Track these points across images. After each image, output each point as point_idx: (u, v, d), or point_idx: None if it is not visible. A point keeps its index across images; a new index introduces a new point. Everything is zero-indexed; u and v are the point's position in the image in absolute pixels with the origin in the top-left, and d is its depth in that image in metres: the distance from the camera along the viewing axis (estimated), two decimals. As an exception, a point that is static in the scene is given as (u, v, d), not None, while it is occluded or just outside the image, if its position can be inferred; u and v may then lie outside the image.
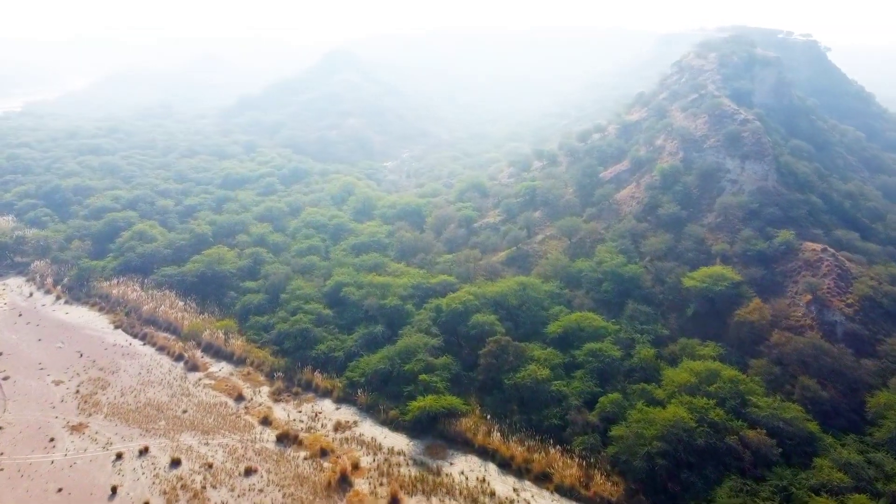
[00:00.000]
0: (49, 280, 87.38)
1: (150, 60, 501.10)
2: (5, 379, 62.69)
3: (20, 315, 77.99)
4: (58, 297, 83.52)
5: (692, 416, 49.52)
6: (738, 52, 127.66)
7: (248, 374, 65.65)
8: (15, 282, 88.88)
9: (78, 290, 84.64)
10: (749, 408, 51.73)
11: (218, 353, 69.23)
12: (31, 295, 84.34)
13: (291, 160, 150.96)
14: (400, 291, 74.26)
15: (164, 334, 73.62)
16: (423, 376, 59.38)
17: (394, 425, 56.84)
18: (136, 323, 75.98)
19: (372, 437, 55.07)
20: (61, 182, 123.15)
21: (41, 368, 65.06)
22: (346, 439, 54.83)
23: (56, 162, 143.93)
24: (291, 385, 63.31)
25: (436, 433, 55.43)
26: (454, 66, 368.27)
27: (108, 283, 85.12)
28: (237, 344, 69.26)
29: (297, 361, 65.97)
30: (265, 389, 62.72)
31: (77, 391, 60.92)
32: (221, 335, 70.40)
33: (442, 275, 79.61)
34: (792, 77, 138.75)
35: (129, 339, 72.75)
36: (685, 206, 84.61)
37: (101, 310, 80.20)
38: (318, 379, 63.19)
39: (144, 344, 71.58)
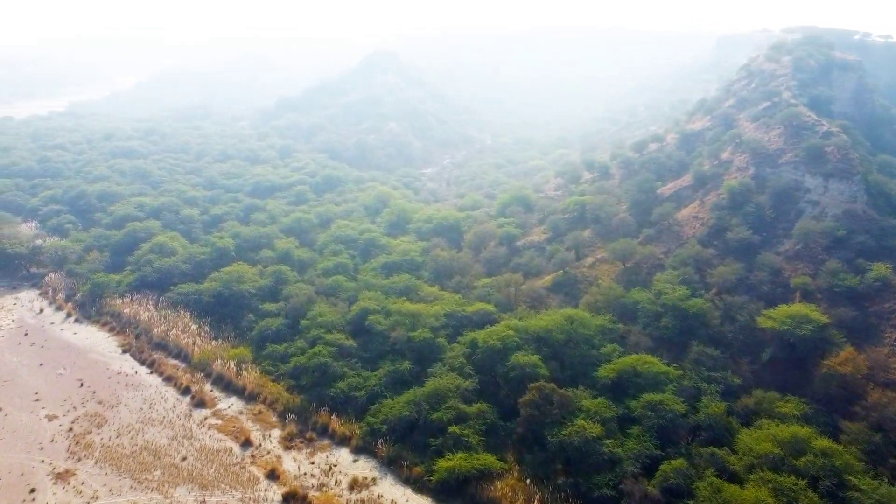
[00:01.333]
0: (60, 295, 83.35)
1: (197, 59, 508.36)
2: (-4, 411, 57.95)
3: (26, 334, 73.77)
4: (68, 315, 79.20)
5: (778, 501, 41.05)
6: (814, 55, 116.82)
7: (259, 413, 59.48)
8: (27, 295, 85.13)
9: (89, 308, 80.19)
10: (848, 491, 42.93)
11: (228, 387, 63.34)
12: (41, 311, 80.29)
13: (326, 167, 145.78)
14: (431, 322, 67.20)
15: (174, 361, 68.21)
16: (453, 428, 52.22)
17: (418, 485, 49.81)
18: (146, 347, 70.82)
19: (392, 502, 48.10)
20: (87, 187, 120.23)
21: (36, 400, 60.17)
22: (363, 501, 48.02)
23: (87, 165, 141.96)
24: (305, 429, 56.87)
25: (466, 498, 48.17)
26: (500, 66, 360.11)
27: (122, 300, 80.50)
28: (249, 378, 63.23)
29: (314, 400, 59.58)
30: (276, 433, 56.41)
31: (70, 429, 55.66)
32: (233, 367, 64.54)
33: (479, 303, 72.28)
34: (872, 83, 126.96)
35: (136, 365, 67.53)
36: (758, 231, 75.33)
37: (111, 330, 75.44)
38: (336, 423, 56.59)
39: (151, 372, 66.24)
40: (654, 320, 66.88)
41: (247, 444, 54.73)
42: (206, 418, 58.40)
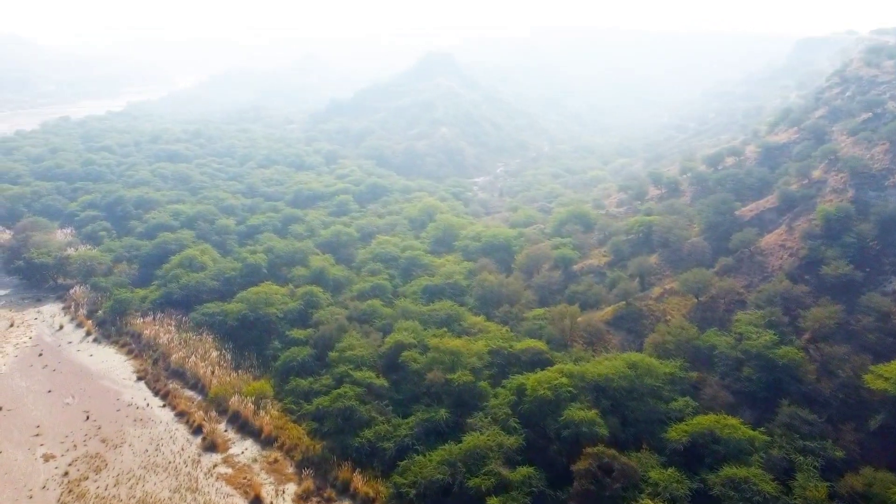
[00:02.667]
0: (82, 311, 79.47)
1: (257, 60, 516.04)
2: (-9, 447, 53.41)
3: (40, 354, 69.78)
4: (87, 333, 75.11)
5: None
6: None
7: (275, 462, 53.18)
8: (50, 309, 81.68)
9: (109, 326, 75.94)
10: None
11: (244, 428, 57.34)
12: (60, 328, 76.48)
13: (372, 174, 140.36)
14: (473, 362, 59.68)
15: (189, 393, 62.82)
16: (493, 500, 44.62)
17: (448, 568, 42.52)
18: (162, 375, 65.75)
19: (416, 590, 40.93)
20: (125, 193, 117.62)
21: (37, 434, 55.44)
22: (382, 586, 40.98)
23: (130, 168, 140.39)
24: (324, 485, 50.22)
25: (505, 590, 40.62)
26: (560, 69, 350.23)
27: (143, 319, 75.94)
28: (266, 420, 57.06)
29: (337, 449, 52.98)
30: (290, 489, 49.94)
31: (66, 473, 50.49)
32: (251, 405, 58.54)
33: (529, 339, 64.39)
34: None
35: (149, 396, 62.39)
36: (860, 266, 64.97)
37: (129, 353, 70.80)
38: (359, 481, 49.75)
39: (164, 405, 60.90)
40: (733, 369, 57.76)
41: (257, 501, 48.44)
42: (215, 465, 52.43)
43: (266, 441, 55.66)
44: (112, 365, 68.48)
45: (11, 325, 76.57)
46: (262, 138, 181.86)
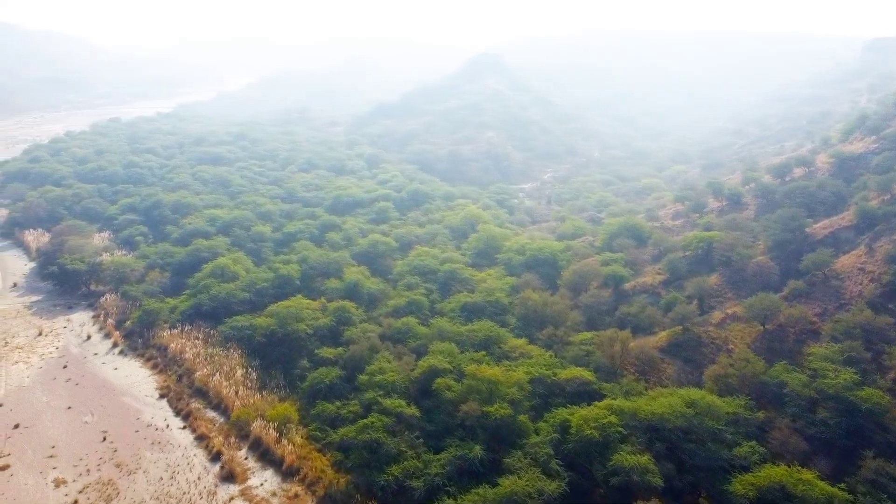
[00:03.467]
0: (111, 321, 77.61)
1: (306, 60, 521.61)
2: (3, 469, 51.17)
3: (65, 367, 67.97)
4: (114, 345, 73.15)
5: None
6: None
7: (296, 497, 49.48)
8: (80, 318, 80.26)
9: (137, 338, 73.90)
10: None
11: (265, 456, 53.92)
12: (88, 338, 74.77)
13: (414, 180, 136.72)
14: (512, 392, 54.93)
15: (212, 414, 59.84)
16: (530, 558, 39.93)
17: None
18: (185, 392, 63.02)
19: None
20: (164, 196, 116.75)
21: (51, 456, 53.11)
22: None
23: (171, 171, 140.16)
24: (346, 527, 46.35)
25: None
26: (612, 71, 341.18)
27: (171, 331, 73.54)
28: (289, 449, 53.44)
29: (362, 486, 49.04)
30: (310, 530, 46.19)
31: (76, 502, 47.82)
32: (274, 431, 55.06)
33: (575, 367, 59.33)
34: None
35: (170, 416, 59.64)
36: (955, 295, 57.97)
37: (153, 367, 68.44)
38: (383, 525, 45.70)
39: (184, 427, 58.02)
40: (806, 411, 51.68)
41: (272, 543, 44.83)
42: (231, 499, 49.05)
43: (287, 472, 52.07)
44: (136, 380, 66.15)
45: (40, 334, 75.26)
46: (305, 141, 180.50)
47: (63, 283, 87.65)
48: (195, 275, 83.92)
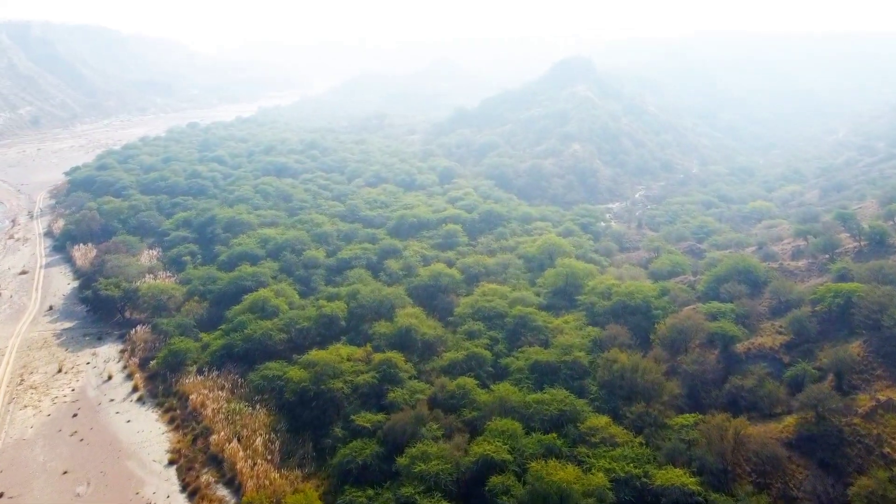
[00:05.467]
0: (134, 361, 70.28)
1: (389, 63, 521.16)
2: (-33, 558, 43.62)
3: (75, 415, 60.85)
4: (134, 389, 65.66)
5: None
6: None
7: None
8: (107, 352, 73.67)
9: (159, 382, 66.14)
10: None
11: (274, 561, 44.08)
12: (108, 379, 67.72)
13: (489, 198, 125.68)
14: (590, 504, 42.67)
15: (222, 492, 50.66)
16: None
17: None
18: (198, 460, 54.25)
19: None
20: (219, 212, 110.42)
21: (25, 543, 45.22)
22: None
23: (234, 183, 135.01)
24: None
25: None
26: (713, 75, 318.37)
27: (196, 377, 65.30)
28: (301, 557, 43.38)
29: None
30: None
31: None
32: (286, 529, 45.17)
33: (672, 469, 46.34)
34: None
35: (174, 492, 50.87)
36: None
37: (170, 421, 60.23)
38: None
39: (188, 509, 49.11)
40: None
41: None
42: None
43: (297, 588, 41.97)
44: (148, 437, 58.01)
45: (59, 371, 68.92)
46: (377, 151, 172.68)
47: (97, 310, 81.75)
48: (234, 307, 75.80)
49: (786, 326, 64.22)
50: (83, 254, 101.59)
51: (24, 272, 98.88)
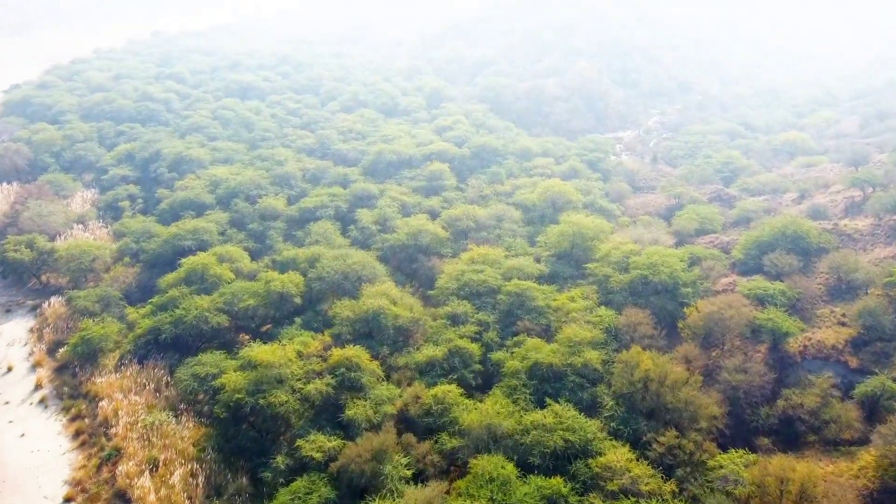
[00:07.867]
0: (42, 347, 58.06)
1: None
2: None
3: (-45, 427, 49.13)
4: (36, 387, 53.68)
5: None
6: None
7: None
8: (14, 330, 61.36)
9: (69, 376, 54.24)
10: None
11: None
12: (8, 371, 55.66)
13: (482, 127, 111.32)
14: None
15: (126, 549, 39.60)
16: None
17: None
18: (102, 497, 42.91)
19: None
20: (166, 145, 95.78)
21: None
22: None
23: (189, 107, 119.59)
24: None
25: None
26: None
27: (111, 376, 53.33)
28: None
29: None
30: None
31: None
32: None
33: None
34: None
35: (65, 548, 39.82)
36: None
37: (76, 435, 48.62)
38: None
39: (78, 576, 38.15)
40: None
41: None
42: None
43: None
44: (44, 459, 46.48)
45: (-52, 360, 56.79)
46: (357, 67, 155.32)
47: (5, 275, 68.88)
48: (168, 276, 63.05)
49: (852, 317, 52.02)
50: (5, 197, 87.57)
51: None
